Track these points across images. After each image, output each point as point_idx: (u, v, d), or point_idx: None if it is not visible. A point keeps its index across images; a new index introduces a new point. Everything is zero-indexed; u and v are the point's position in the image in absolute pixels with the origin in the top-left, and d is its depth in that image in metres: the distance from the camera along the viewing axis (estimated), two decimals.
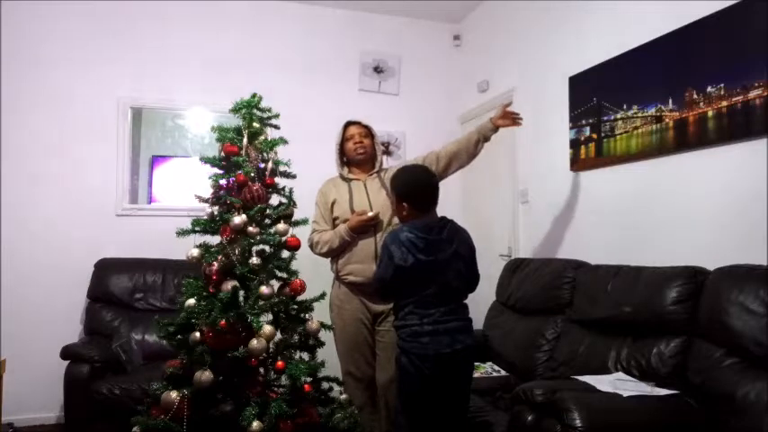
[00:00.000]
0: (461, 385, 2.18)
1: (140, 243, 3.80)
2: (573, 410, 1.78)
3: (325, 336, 2.42)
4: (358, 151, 2.76)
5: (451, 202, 3.85)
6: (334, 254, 2.72)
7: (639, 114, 2.70)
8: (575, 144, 3.16)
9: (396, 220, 2.66)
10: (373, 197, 2.71)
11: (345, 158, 2.84)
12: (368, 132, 2.79)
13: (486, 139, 2.82)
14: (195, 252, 2.25)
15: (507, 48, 3.94)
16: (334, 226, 2.72)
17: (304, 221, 2.44)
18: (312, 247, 2.76)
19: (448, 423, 2.15)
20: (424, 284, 2.10)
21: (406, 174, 2.32)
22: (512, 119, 2.83)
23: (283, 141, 2.43)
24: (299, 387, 2.14)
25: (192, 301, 2.18)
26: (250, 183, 2.29)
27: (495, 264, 3.71)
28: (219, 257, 2.22)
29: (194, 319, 2.15)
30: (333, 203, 2.74)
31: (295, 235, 2.38)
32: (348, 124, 2.81)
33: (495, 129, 2.82)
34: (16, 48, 3.68)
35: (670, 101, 2.52)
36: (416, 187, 2.23)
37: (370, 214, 2.60)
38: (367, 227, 2.62)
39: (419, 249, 2.08)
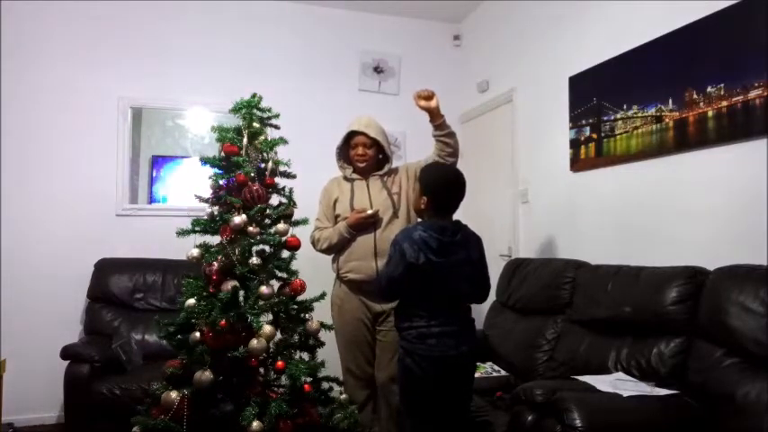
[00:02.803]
0: (465, 386, 2.18)
1: (140, 243, 3.80)
2: (573, 410, 1.78)
3: (326, 336, 2.43)
4: (359, 164, 2.77)
5: None
6: (334, 250, 2.74)
7: (639, 114, 2.70)
8: (575, 144, 3.16)
9: (396, 217, 2.68)
10: (374, 196, 2.72)
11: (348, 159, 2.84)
12: (373, 143, 2.75)
13: (438, 133, 2.68)
14: (195, 252, 2.26)
15: (507, 48, 3.94)
16: (336, 224, 2.73)
17: (304, 221, 2.45)
18: (314, 243, 2.79)
19: (451, 423, 2.15)
20: (434, 286, 2.08)
21: (439, 171, 2.28)
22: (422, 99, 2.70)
23: (283, 141, 2.44)
24: (299, 387, 2.14)
25: (191, 301, 2.18)
26: (250, 183, 2.29)
27: (495, 264, 3.70)
28: (219, 257, 2.23)
29: (194, 319, 2.16)
30: (335, 201, 2.77)
31: (295, 235, 2.38)
32: (354, 133, 2.74)
33: (434, 122, 2.69)
34: (16, 47, 3.67)
35: (670, 101, 2.52)
36: (443, 187, 2.18)
37: (369, 212, 2.62)
38: (366, 224, 2.63)
39: (432, 250, 2.05)
